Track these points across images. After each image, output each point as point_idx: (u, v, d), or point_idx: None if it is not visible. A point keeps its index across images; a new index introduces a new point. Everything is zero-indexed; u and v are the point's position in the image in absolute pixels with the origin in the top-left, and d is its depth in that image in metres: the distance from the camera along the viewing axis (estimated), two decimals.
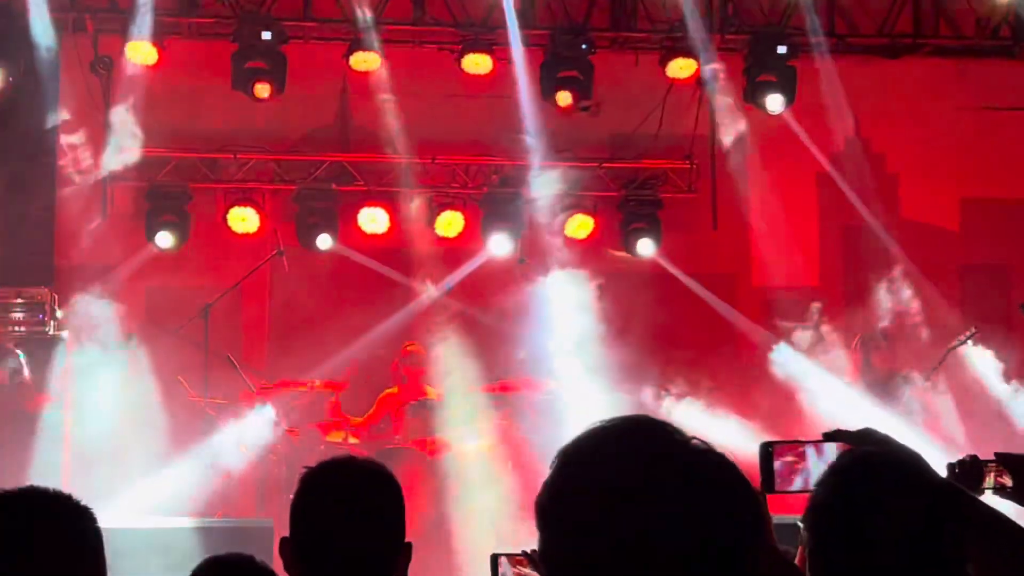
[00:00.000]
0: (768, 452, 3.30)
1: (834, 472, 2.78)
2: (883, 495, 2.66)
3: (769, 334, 12.07)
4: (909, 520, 2.62)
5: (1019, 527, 3.07)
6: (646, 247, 12.39)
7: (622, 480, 1.88)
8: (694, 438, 1.93)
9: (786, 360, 11.72)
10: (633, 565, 1.85)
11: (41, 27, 11.56)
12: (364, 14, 11.74)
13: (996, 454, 3.76)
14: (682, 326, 12.35)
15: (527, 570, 4.12)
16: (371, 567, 3.25)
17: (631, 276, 12.33)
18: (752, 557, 1.86)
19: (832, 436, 3.28)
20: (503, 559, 4.42)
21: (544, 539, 1.94)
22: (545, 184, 12.26)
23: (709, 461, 1.90)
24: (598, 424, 1.98)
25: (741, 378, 11.76)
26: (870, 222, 12.65)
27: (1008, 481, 3.74)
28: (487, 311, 12.02)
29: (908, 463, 2.83)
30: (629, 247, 12.46)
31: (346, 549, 3.23)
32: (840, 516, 2.67)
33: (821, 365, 11.67)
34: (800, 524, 2.76)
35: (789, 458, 3.33)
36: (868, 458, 2.87)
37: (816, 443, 3.30)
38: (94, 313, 11.19)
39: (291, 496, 3.36)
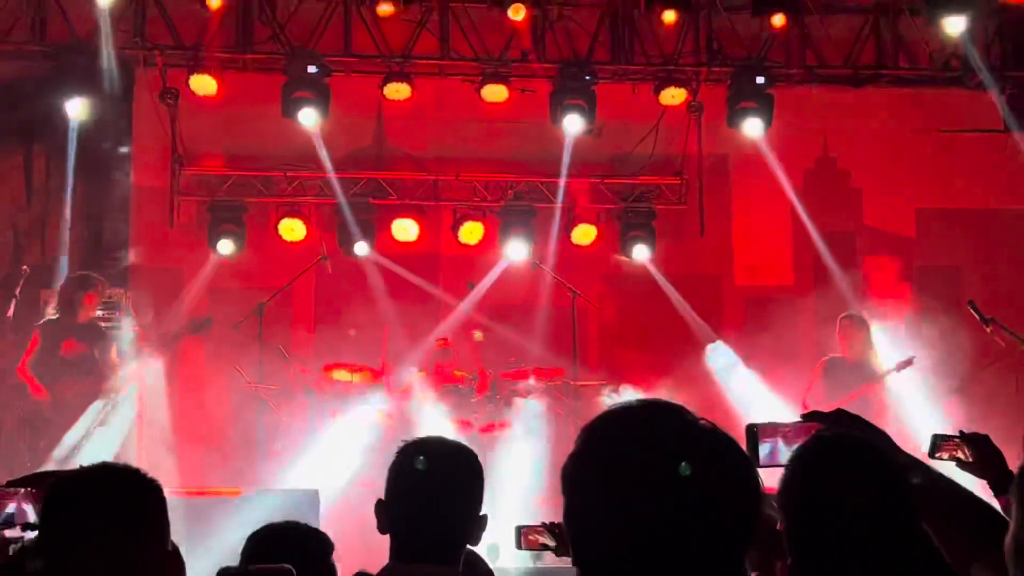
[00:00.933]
0: (753, 432, 3.25)
1: (801, 454, 2.75)
2: (845, 474, 2.63)
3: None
4: (870, 496, 2.59)
5: (973, 494, 3.02)
6: (641, 252, 12.38)
7: (638, 454, 1.89)
8: (702, 419, 1.95)
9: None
10: (644, 529, 1.86)
11: (116, 63, 11.67)
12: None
13: (960, 431, 3.90)
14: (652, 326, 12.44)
15: (543, 538, 4.59)
16: (451, 532, 3.28)
17: (626, 278, 12.58)
18: (752, 523, 1.90)
19: (809, 417, 3.21)
20: (525, 530, 4.90)
21: (568, 503, 1.96)
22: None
23: (716, 439, 1.92)
24: (620, 404, 2.00)
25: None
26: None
27: (968, 456, 3.85)
28: (507, 308, 12.16)
29: (870, 443, 2.78)
30: (627, 252, 12.43)
31: (429, 515, 3.25)
32: (806, 494, 2.65)
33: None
34: (773, 504, 2.71)
35: (770, 437, 3.26)
36: (831, 440, 2.81)
37: (795, 424, 3.24)
38: (163, 311, 11.44)
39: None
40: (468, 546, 3.99)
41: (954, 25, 12.12)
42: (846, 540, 2.56)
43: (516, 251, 12.34)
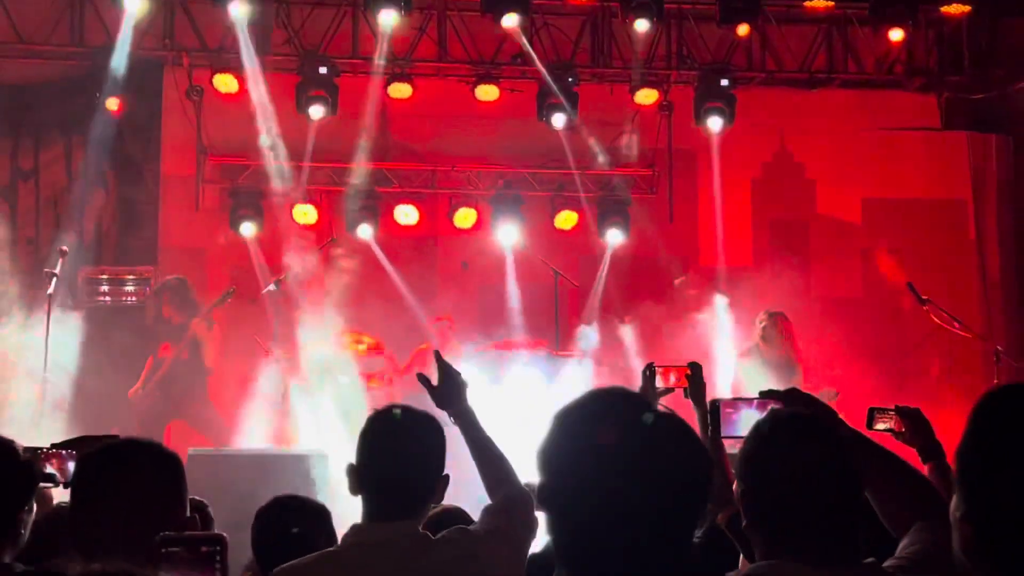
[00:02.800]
0: (716, 406, 3.36)
1: (757, 429, 2.75)
2: (794, 448, 2.63)
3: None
4: (816, 468, 2.59)
5: (906, 463, 3.06)
6: (616, 236, 12.41)
7: (601, 437, 1.91)
8: (659, 406, 2.00)
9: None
10: (611, 500, 1.88)
11: (148, 63, 11.81)
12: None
13: (896, 406, 3.89)
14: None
15: None
16: (414, 492, 3.27)
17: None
18: (704, 493, 1.92)
19: (765, 395, 3.25)
20: None
21: (542, 481, 1.99)
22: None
23: (671, 424, 1.94)
24: (588, 392, 2.02)
25: None
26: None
27: (901, 427, 3.85)
28: (496, 285, 12.18)
29: (818, 420, 2.79)
30: (603, 236, 12.46)
31: (395, 477, 3.24)
32: (760, 466, 2.66)
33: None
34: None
35: (731, 411, 3.36)
36: (783, 417, 2.84)
37: (752, 400, 3.31)
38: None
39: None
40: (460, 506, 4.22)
41: (894, 35, 12.26)
42: (794, 506, 2.59)
43: (506, 235, 12.36)
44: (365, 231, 12.21)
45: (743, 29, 12.18)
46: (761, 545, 2.66)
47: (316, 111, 11.83)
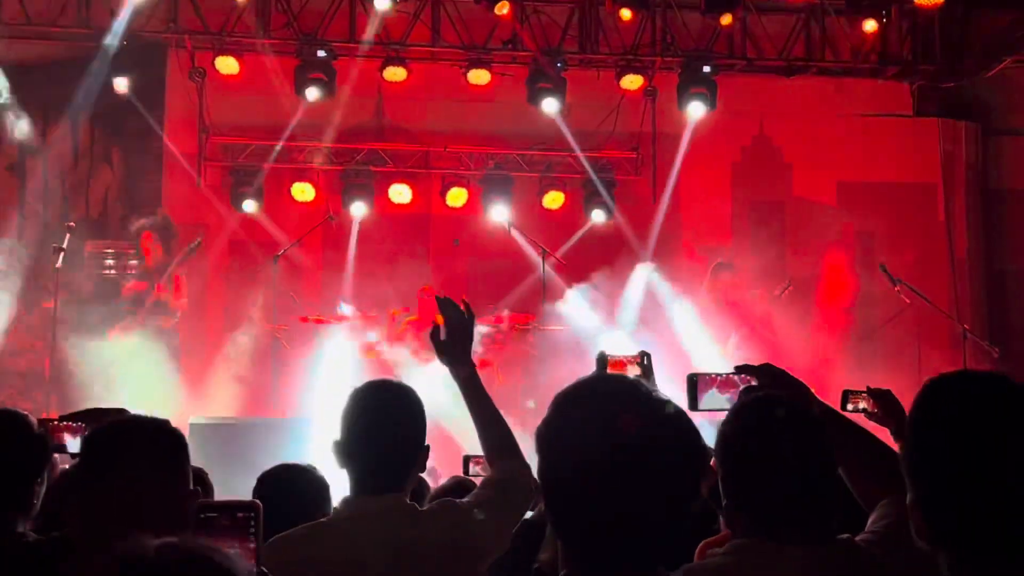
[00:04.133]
0: (693, 380, 3.30)
1: (734, 414, 2.75)
2: (769, 431, 2.63)
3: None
4: (791, 449, 2.60)
5: (877, 438, 3.04)
6: (601, 216, 12.47)
7: (600, 421, 1.90)
8: (656, 391, 1.97)
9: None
10: (605, 485, 1.87)
11: (153, 45, 11.79)
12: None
13: (867, 387, 3.87)
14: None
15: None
16: (398, 465, 3.24)
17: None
18: (697, 477, 1.90)
19: (740, 369, 3.22)
20: (473, 459, 4.90)
21: (540, 461, 1.97)
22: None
23: (667, 411, 1.92)
24: (587, 376, 2.03)
25: None
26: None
27: (873, 407, 3.84)
28: (485, 261, 12.28)
29: (792, 402, 2.77)
30: (590, 216, 12.52)
31: (377, 450, 3.21)
32: (737, 448, 2.67)
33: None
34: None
35: (707, 385, 3.28)
36: (759, 399, 2.82)
37: (728, 375, 3.26)
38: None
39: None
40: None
41: (870, 26, 12.33)
42: (771, 487, 2.60)
43: (496, 213, 12.36)
44: (357, 209, 12.18)
45: (726, 19, 12.13)
46: (741, 523, 2.66)
47: (314, 93, 11.77)
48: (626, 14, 11.92)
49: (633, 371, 3.88)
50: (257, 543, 2.13)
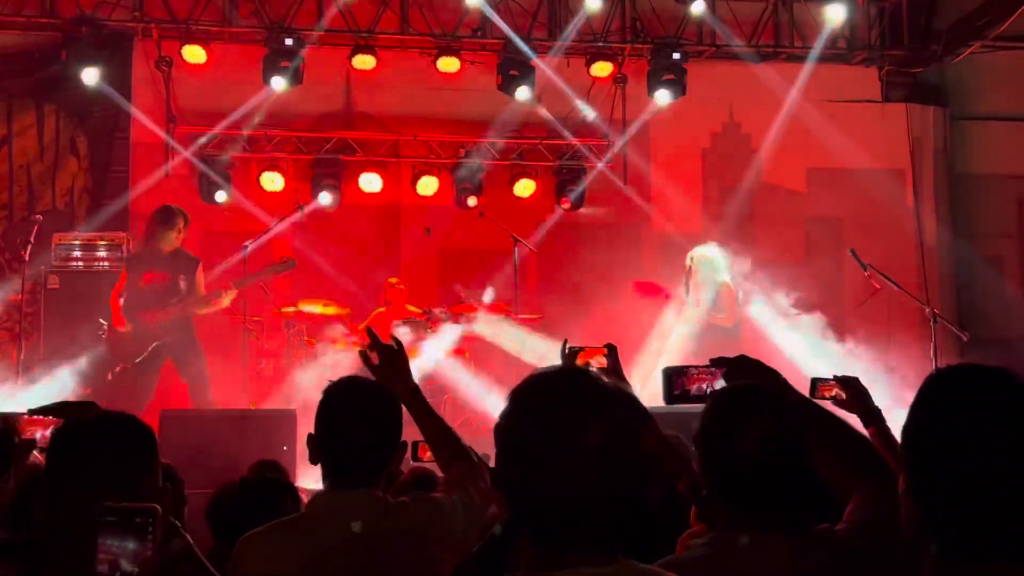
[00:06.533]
0: (668, 375, 3.33)
1: (712, 404, 2.78)
2: (747, 422, 2.65)
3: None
4: (767, 439, 2.61)
5: (850, 426, 3.07)
6: (572, 204, 12.48)
7: (554, 413, 1.93)
8: (609, 382, 2.05)
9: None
10: (566, 470, 1.90)
11: (118, 34, 11.66)
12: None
13: (834, 375, 3.91)
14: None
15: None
16: (372, 461, 3.24)
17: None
18: (655, 462, 2.06)
19: (715, 362, 3.24)
20: (422, 444, 4.73)
21: (498, 456, 2.01)
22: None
23: (621, 399, 2.01)
24: (540, 370, 2.05)
25: None
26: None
27: (842, 395, 3.89)
28: (456, 249, 12.26)
29: (768, 392, 2.81)
30: (559, 203, 12.53)
31: (353, 448, 3.20)
32: (715, 439, 2.69)
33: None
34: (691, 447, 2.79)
35: (680, 379, 3.32)
36: (740, 390, 2.86)
37: (702, 368, 3.29)
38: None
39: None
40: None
41: (838, 12, 12.38)
42: (749, 479, 2.62)
43: (467, 202, 12.35)
44: (324, 198, 12.13)
45: (700, 7, 12.21)
46: (722, 515, 2.69)
47: (282, 82, 11.72)
48: (593, 6, 11.99)
49: (598, 363, 3.95)
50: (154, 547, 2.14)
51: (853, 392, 3.89)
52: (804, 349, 10.60)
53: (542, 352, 9.82)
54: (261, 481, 4.26)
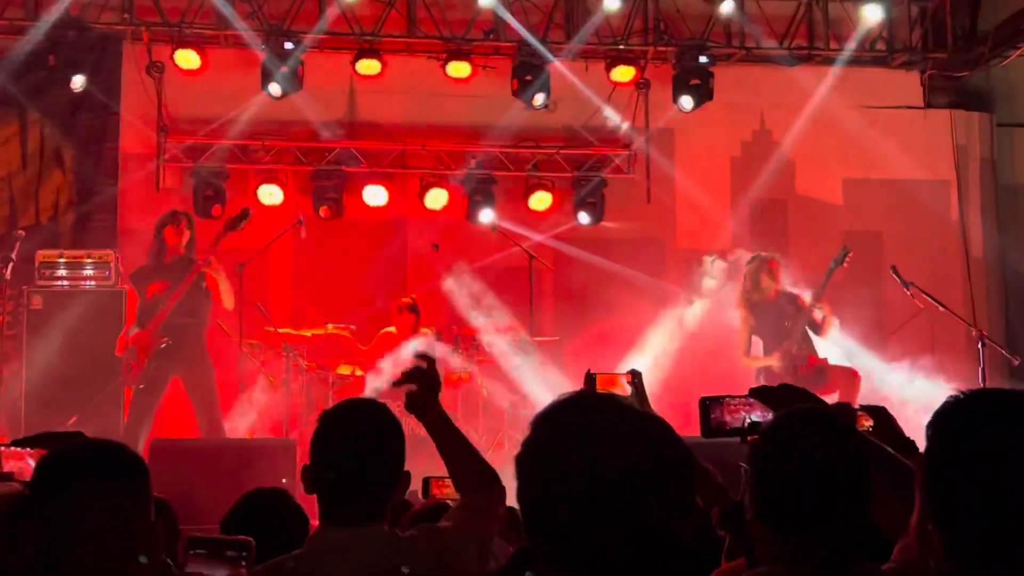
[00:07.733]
0: (705, 405, 3.36)
1: (773, 425, 2.77)
2: (812, 445, 2.63)
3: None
4: (830, 464, 2.60)
5: (897, 456, 3.08)
6: (591, 218, 12.43)
7: (580, 442, 1.92)
8: (639, 409, 2.02)
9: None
10: (593, 503, 1.88)
11: (107, 38, 11.67)
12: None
13: (860, 406, 3.87)
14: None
15: (449, 490, 4.38)
16: (373, 493, 3.18)
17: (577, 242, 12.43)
18: (689, 492, 1.96)
19: (754, 393, 3.26)
20: (433, 481, 4.85)
21: (520, 485, 1.98)
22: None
23: (652, 427, 1.96)
24: (565, 396, 2.02)
25: None
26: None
27: (869, 424, 3.78)
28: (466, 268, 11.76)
29: (834, 417, 2.79)
30: (578, 218, 12.42)
31: (352, 479, 3.14)
32: (776, 462, 2.66)
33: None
34: (743, 465, 2.77)
35: (718, 409, 3.38)
36: (808, 412, 2.82)
37: (740, 399, 3.34)
38: None
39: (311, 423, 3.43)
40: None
41: (877, 11, 12.33)
42: (806, 502, 2.59)
43: (480, 216, 12.22)
44: (332, 212, 12.12)
45: (728, 7, 12.13)
46: (766, 540, 2.65)
47: (281, 88, 11.67)
48: (611, 6, 11.94)
49: (624, 390, 3.96)
50: None
51: (878, 422, 3.83)
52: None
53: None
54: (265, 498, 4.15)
